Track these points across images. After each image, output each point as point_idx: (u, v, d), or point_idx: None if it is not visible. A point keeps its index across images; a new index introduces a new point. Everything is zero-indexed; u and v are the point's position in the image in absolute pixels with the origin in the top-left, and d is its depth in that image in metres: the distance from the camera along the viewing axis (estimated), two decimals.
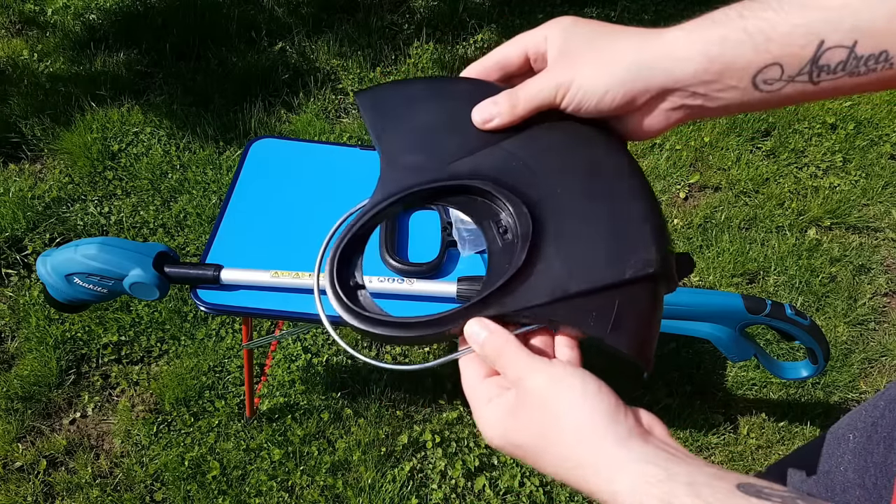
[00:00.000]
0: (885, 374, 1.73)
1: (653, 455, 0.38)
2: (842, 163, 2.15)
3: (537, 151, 0.49)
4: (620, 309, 0.45)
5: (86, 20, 2.46)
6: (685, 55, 0.44)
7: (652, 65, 0.45)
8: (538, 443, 0.41)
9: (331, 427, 1.57)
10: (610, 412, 0.40)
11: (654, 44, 0.45)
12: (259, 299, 1.02)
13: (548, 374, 0.42)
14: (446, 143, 0.50)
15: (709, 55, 0.43)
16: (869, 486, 0.65)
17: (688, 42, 0.44)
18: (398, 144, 0.50)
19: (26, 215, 1.87)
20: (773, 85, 0.43)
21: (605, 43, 0.46)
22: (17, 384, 1.59)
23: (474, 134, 0.50)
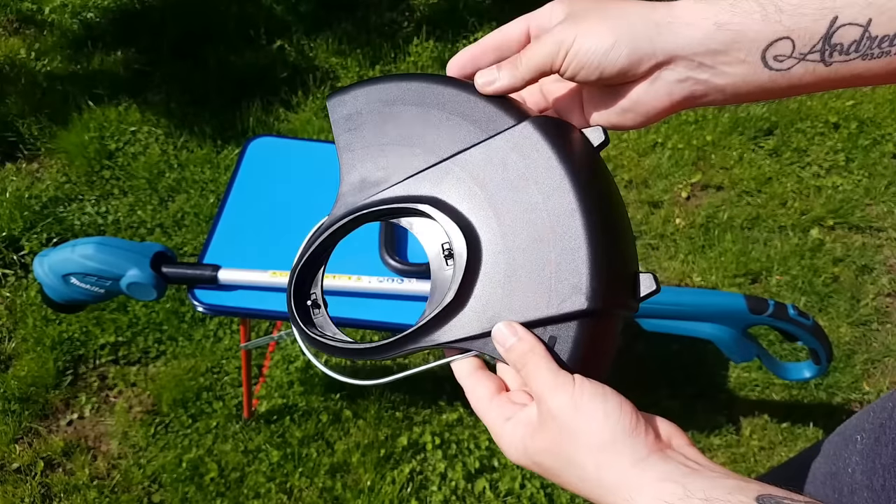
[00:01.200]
0: (888, 374, 1.72)
1: (671, 472, 0.38)
2: (844, 162, 2.14)
3: (493, 174, 0.47)
4: (553, 343, 0.44)
5: (83, 18, 2.45)
6: (693, 20, 0.43)
7: (659, 26, 0.43)
8: (558, 463, 0.41)
9: (330, 428, 1.56)
10: (629, 431, 0.40)
11: (662, 9, 0.44)
12: (257, 300, 1.01)
13: (570, 395, 0.42)
14: (410, 157, 0.49)
15: (718, 21, 0.42)
16: (877, 488, 0.64)
17: (697, 8, 0.43)
18: (360, 157, 0.50)
19: (23, 215, 1.85)
20: (784, 62, 0.42)
21: (612, 8, 0.45)
22: (14, 385, 1.58)
23: (442, 146, 0.48)
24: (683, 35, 0.43)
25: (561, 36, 0.45)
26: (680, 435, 0.43)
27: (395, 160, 0.49)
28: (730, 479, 0.37)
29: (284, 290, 1.01)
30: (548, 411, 0.42)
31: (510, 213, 0.46)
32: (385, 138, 0.49)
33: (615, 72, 0.44)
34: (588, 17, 0.45)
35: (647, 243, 1.94)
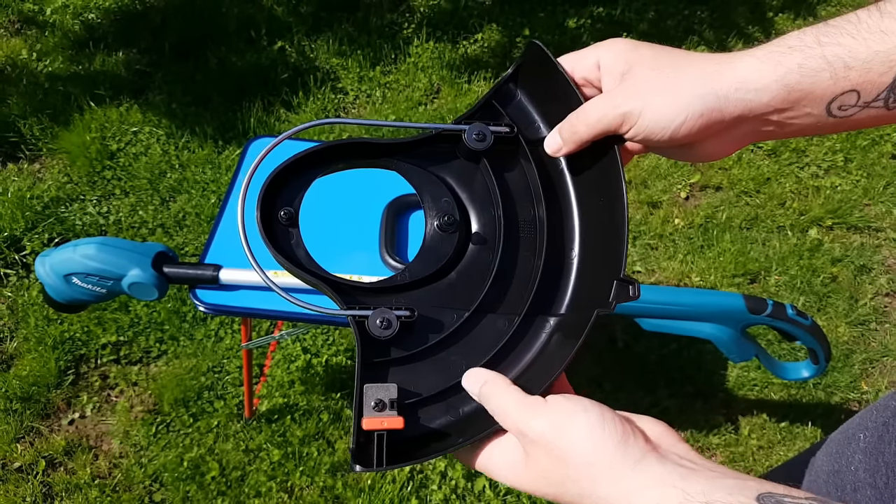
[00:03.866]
0: (887, 374, 1.73)
1: (668, 475, 0.38)
2: (843, 162, 2.14)
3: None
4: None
5: (85, 19, 2.45)
6: (762, 84, 0.43)
7: (728, 94, 0.43)
8: (555, 489, 0.41)
9: (330, 428, 1.57)
10: (618, 440, 0.39)
11: (727, 73, 0.44)
12: (258, 299, 1.02)
13: (547, 416, 0.41)
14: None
15: (787, 84, 0.42)
16: (880, 486, 0.64)
17: (764, 70, 0.43)
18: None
19: (25, 215, 1.86)
20: (848, 111, 0.43)
21: (672, 71, 0.45)
22: (15, 384, 1.59)
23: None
24: (753, 101, 0.43)
25: (627, 108, 0.45)
26: (669, 433, 0.42)
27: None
28: (728, 479, 0.37)
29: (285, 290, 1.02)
30: (530, 442, 0.41)
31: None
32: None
33: (684, 139, 0.45)
34: (652, 84, 0.45)
35: (646, 243, 1.94)
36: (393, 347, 0.47)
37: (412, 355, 0.47)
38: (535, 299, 0.50)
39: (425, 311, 0.48)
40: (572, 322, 0.49)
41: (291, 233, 0.49)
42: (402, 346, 0.47)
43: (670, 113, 0.44)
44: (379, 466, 0.43)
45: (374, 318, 0.46)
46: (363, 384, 0.45)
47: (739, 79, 0.43)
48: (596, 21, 2.50)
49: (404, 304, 0.48)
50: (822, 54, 0.41)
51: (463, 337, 0.49)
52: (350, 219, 1.11)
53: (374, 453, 0.43)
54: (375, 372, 0.46)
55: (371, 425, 0.43)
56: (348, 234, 1.10)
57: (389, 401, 0.44)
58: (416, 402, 0.46)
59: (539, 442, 0.41)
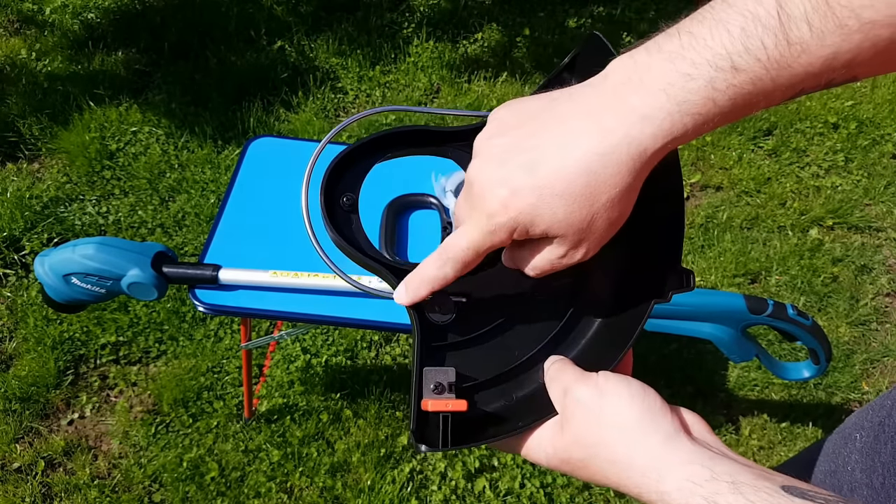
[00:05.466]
0: (887, 374, 1.72)
1: (698, 455, 0.39)
2: (844, 162, 2.14)
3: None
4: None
5: (84, 19, 2.45)
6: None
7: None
8: (587, 451, 0.42)
9: (330, 428, 1.56)
10: (655, 413, 0.41)
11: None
12: (258, 299, 1.02)
13: (594, 383, 0.43)
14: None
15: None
16: (877, 486, 0.64)
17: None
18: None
19: (24, 215, 1.86)
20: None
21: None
22: (14, 385, 1.59)
23: None
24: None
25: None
26: (702, 423, 0.43)
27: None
28: (756, 468, 0.38)
29: (284, 290, 1.02)
30: (574, 401, 0.43)
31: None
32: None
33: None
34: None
35: None
36: (449, 332, 0.48)
37: (468, 340, 0.48)
38: (588, 287, 0.50)
39: (481, 295, 0.48)
40: (626, 309, 0.49)
41: (352, 218, 0.50)
42: (457, 331, 0.48)
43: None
44: (444, 446, 0.44)
45: (432, 303, 0.47)
46: (423, 367, 0.45)
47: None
48: (596, 21, 2.50)
49: (461, 288, 0.48)
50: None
51: (516, 324, 0.49)
52: None
53: (440, 434, 0.44)
54: (433, 355, 0.47)
55: (436, 406, 0.44)
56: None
57: (448, 384, 0.45)
58: (472, 387, 0.47)
59: (581, 401, 0.43)
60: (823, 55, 0.35)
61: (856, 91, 2.35)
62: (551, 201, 0.39)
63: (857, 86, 2.38)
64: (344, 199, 0.49)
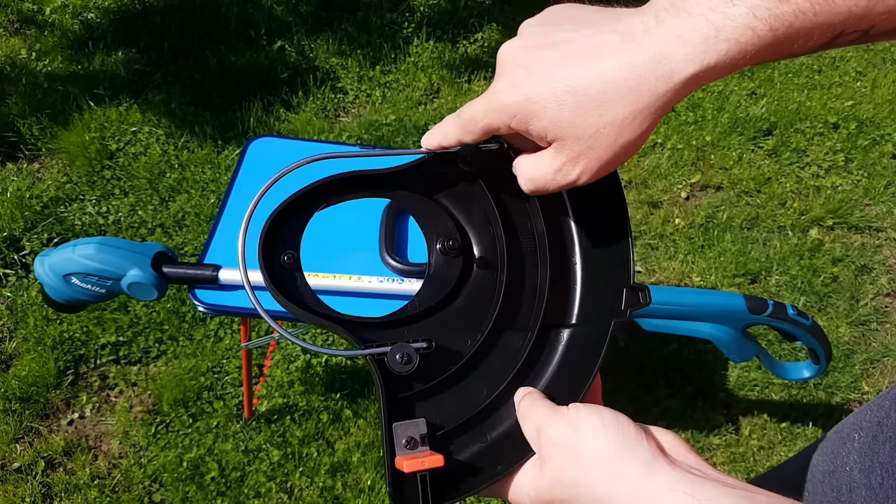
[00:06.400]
0: (888, 374, 1.72)
1: (679, 481, 0.38)
2: (844, 162, 2.14)
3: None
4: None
5: (84, 19, 2.45)
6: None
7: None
8: (569, 492, 0.41)
9: (330, 428, 1.56)
10: (630, 442, 0.40)
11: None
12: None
13: (566, 419, 0.42)
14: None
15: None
16: (875, 487, 0.64)
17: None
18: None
19: (24, 215, 1.86)
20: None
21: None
22: (15, 385, 1.59)
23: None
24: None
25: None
26: (680, 443, 0.42)
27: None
28: (738, 489, 0.37)
29: None
30: (548, 441, 0.42)
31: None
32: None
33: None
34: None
35: (646, 243, 1.94)
36: (414, 381, 0.46)
37: (433, 387, 0.46)
38: (546, 312, 0.49)
39: (439, 340, 0.47)
40: (587, 332, 0.49)
41: (296, 276, 0.48)
42: (421, 379, 0.46)
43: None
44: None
45: (392, 353, 0.45)
46: (392, 423, 0.44)
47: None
48: None
49: (419, 335, 0.47)
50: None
51: (481, 361, 0.48)
52: (350, 219, 1.10)
53: (420, 494, 0.42)
54: (401, 409, 0.45)
55: (413, 467, 0.42)
56: (348, 235, 1.09)
57: (420, 437, 0.43)
58: (445, 434, 0.46)
59: (555, 441, 0.42)
60: None
61: (856, 91, 2.35)
62: (562, 97, 0.38)
63: (857, 86, 2.38)
64: (285, 257, 0.47)
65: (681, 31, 0.36)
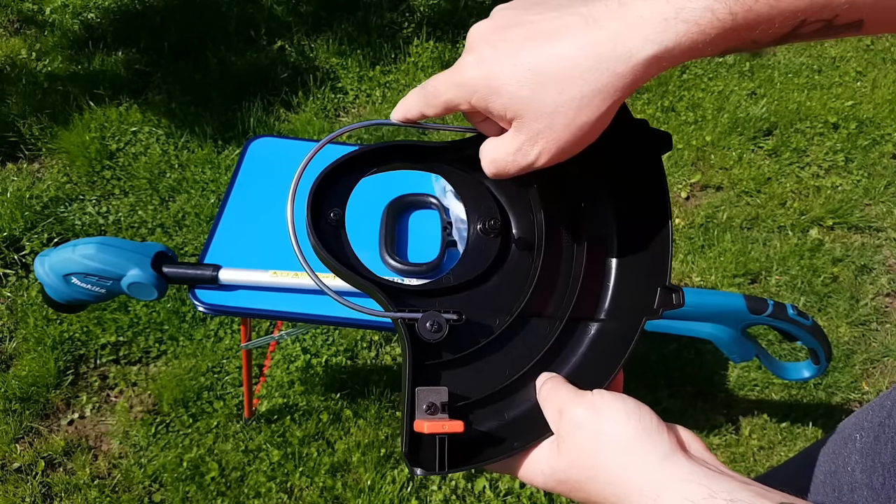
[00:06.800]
0: (888, 374, 1.72)
1: (695, 473, 0.38)
2: (844, 162, 2.14)
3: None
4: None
5: (84, 19, 2.45)
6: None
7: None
8: (585, 473, 0.41)
9: (330, 428, 1.56)
10: (651, 431, 0.41)
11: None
12: (258, 299, 1.01)
13: (589, 402, 0.43)
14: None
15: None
16: (877, 487, 0.64)
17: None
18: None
19: (24, 215, 1.86)
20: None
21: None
22: (14, 385, 1.59)
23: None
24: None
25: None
26: (698, 441, 0.43)
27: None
28: (753, 486, 0.37)
29: (284, 290, 1.02)
30: (570, 421, 0.43)
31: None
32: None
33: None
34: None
35: None
36: (441, 351, 0.47)
37: (459, 359, 0.47)
38: (577, 304, 0.50)
39: (469, 315, 0.47)
40: (616, 328, 0.49)
41: (340, 234, 0.49)
42: (448, 349, 0.47)
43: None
44: (441, 470, 0.43)
45: (423, 320, 0.46)
46: (415, 387, 0.45)
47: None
48: None
49: (450, 307, 0.47)
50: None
51: (507, 342, 0.49)
52: (350, 219, 1.10)
53: (437, 456, 0.43)
54: (425, 374, 0.46)
55: (433, 429, 0.43)
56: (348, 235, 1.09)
57: (441, 404, 0.44)
58: (464, 407, 0.47)
59: (577, 422, 0.42)
60: None
61: (856, 91, 2.35)
62: (522, 74, 0.38)
63: (857, 86, 2.38)
64: (331, 214, 0.48)
65: (641, 12, 0.37)
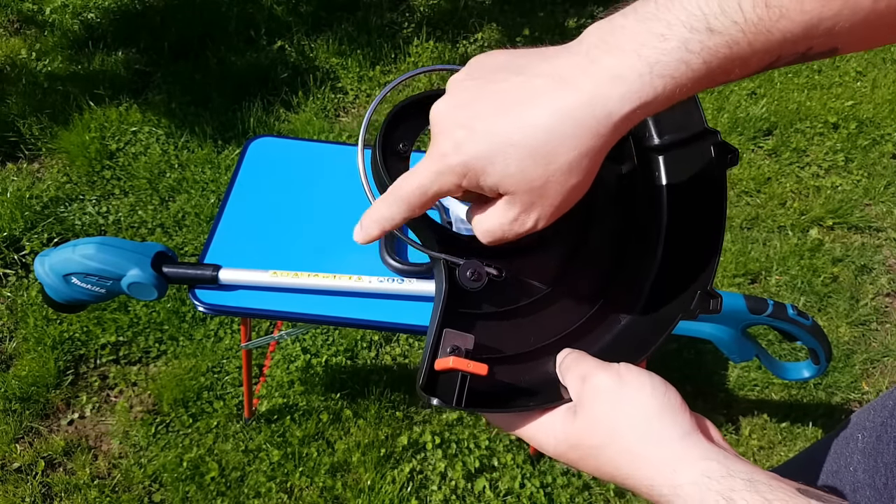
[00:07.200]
0: (888, 374, 1.72)
1: (714, 452, 0.39)
2: (844, 162, 2.14)
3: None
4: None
5: (84, 19, 2.45)
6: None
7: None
8: (601, 439, 0.41)
9: (330, 428, 1.56)
10: (675, 409, 0.41)
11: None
12: (258, 299, 1.01)
13: (615, 371, 0.43)
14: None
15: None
16: (879, 487, 0.64)
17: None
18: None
19: (24, 215, 1.86)
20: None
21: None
22: (14, 385, 1.59)
23: None
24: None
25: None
26: (716, 430, 0.43)
27: None
28: (769, 472, 0.38)
29: (284, 290, 1.02)
30: (593, 387, 0.43)
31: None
32: None
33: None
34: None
35: None
36: (475, 301, 0.47)
37: (490, 314, 0.48)
38: (615, 293, 0.50)
39: (512, 274, 0.48)
40: (647, 322, 0.49)
41: (405, 166, 0.49)
42: (483, 302, 0.48)
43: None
44: (458, 405, 0.43)
45: (465, 267, 0.47)
46: (444, 327, 0.45)
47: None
48: (596, 21, 2.50)
49: (495, 263, 0.48)
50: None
51: (539, 311, 0.49)
52: (350, 219, 1.10)
53: (456, 391, 0.43)
54: (455, 320, 0.46)
55: (458, 364, 0.43)
56: (349, 235, 1.09)
57: (465, 350, 0.44)
58: (485, 360, 0.47)
59: (600, 388, 0.42)
60: (803, 21, 0.34)
61: (856, 91, 2.35)
62: (506, 151, 0.38)
63: (857, 85, 2.38)
64: (401, 145, 0.48)
65: (616, 72, 0.36)
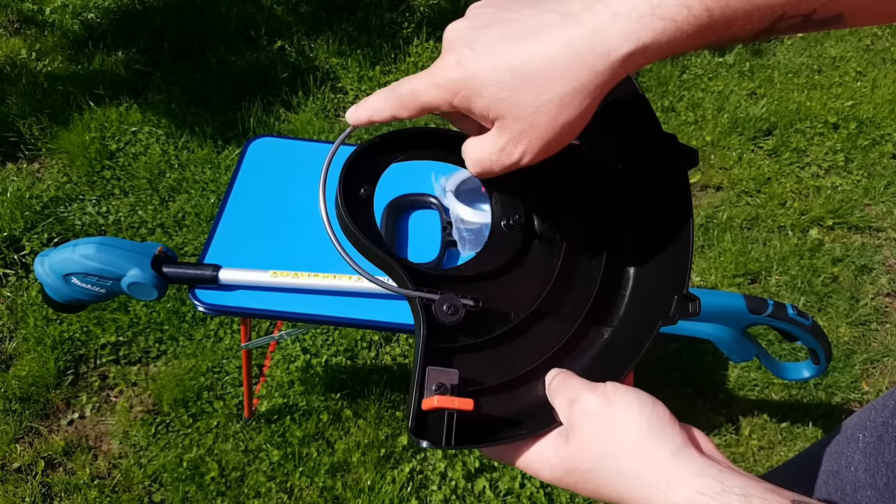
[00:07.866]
0: (888, 374, 1.72)
1: (708, 468, 0.38)
2: (844, 162, 2.14)
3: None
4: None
5: (84, 19, 2.45)
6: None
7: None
8: (595, 463, 0.41)
9: (330, 428, 1.56)
10: (664, 425, 0.40)
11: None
12: (258, 299, 1.01)
13: (602, 393, 0.43)
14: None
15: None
16: (881, 487, 0.64)
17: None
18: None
19: (24, 215, 1.86)
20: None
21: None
22: (14, 385, 1.59)
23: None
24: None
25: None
26: (709, 441, 0.43)
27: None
28: (765, 484, 0.37)
29: (284, 290, 1.02)
30: (582, 410, 0.42)
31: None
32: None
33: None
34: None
35: None
36: (455, 335, 0.47)
37: (471, 346, 0.47)
38: (593, 307, 0.50)
39: (487, 304, 0.48)
40: (630, 332, 0.49)
41: (368, 210, 0.49)
42: (462, 334, 0.47)
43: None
44: (448, 444, 0.42)
45: (441, 302, 0.46)
46: (427, 366, 0.44)
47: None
48: None
49: (471, 294, 0.47)
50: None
51: (520, 335, 0.49)
52: None
53: (444, 430, 0.43)
54: (436, 355, 0.46)
55: (443, 403, 0.42)
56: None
57: (451, 386, 0.44)
58: (472, 393, 0.46)
59: (589, 411, 0.42)
60: None
61: (856, 91, 2.35)
62: (502, 74, 0.38)
63: (857, 86, 2.38)
64: (362, 190, 0.49)
65: (618, 9, 0.36)
